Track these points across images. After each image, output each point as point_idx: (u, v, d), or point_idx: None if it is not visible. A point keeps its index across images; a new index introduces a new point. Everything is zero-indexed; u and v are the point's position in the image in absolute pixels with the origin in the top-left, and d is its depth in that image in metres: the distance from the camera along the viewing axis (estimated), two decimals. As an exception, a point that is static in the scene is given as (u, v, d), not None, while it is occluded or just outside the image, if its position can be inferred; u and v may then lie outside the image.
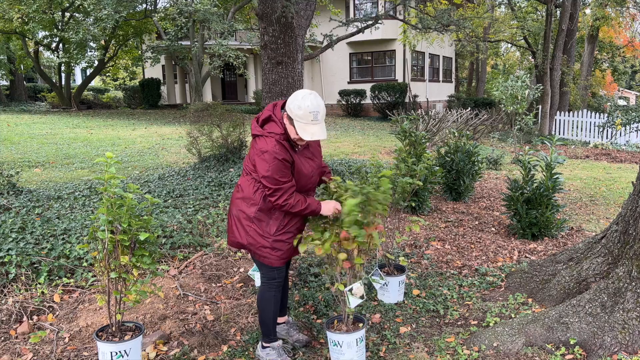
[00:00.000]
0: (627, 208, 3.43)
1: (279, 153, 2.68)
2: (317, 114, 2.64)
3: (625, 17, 23.72)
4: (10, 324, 3.39)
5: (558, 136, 16.26)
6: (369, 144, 12.68)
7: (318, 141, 2.98)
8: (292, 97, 2.68)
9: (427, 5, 12.64)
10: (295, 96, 2.67)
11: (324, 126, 2.72)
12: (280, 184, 2.71)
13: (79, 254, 4.21)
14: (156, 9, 18.94)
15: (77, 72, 34.29)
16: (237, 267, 4.48)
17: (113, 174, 2.69)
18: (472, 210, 6.48)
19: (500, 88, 10.59)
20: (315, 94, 2.70)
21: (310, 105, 2.63)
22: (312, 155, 2.91)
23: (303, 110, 2.62)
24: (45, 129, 14.01)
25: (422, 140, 5.75)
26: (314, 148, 2.95)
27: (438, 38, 14.71)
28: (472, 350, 3.09)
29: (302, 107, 2.63)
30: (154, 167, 8.77)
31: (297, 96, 2.67)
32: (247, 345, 3.22)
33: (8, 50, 23.53)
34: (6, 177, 6.31)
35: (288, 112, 2.68)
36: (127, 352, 2.75)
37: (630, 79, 43.28)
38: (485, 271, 4.40)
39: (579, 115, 16.66)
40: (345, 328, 2.97)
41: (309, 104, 2.63)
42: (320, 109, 2.67)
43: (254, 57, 22.83)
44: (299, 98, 2.65)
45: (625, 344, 2.84)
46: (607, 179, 9.06)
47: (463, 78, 33.62)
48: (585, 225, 5.82)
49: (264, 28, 6.48)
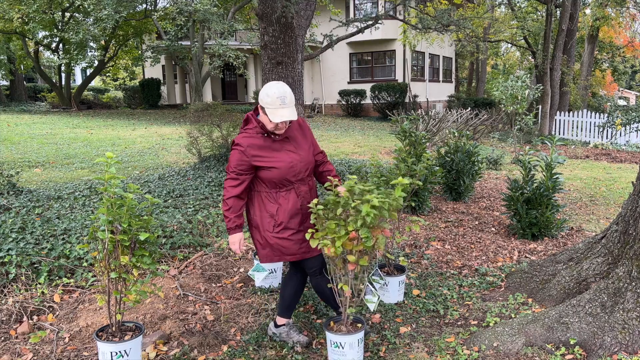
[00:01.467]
0: (627, 208, 3.43)
1: (243, 142, 2.91)
2: (284, 98, 2.84)
3: (625, 17, 23.71)
4: (10, 324, 3.39)
5: (558, 136, 16.27)
6: (369, 144, 12.68)
7: (305, 134, 3.12)
8: (261, 90, 2.91)
9: (427, 5, 12.64)
10: (264, 87, 2.90)
11: (294, 110, 2.89)
12: (229, 170, 2.93)
13: (79, 254, 4.21)
14: (156, 8, 18.94)
15: (77, 72, 34.30)
16: (237, 267, 4.48)
17: (113, 174, 2.69)
18: (472, 210, 6.48)
19: (500, 88, 10.59)
20: (282, 83, 2.91)
21: (277, 92, 2.85)
22: (296, 148, 3.02)
23: (270, 97, 2.84)
24: (45, 129, 14.01)
25: (422, 140, 5.75)
26: (297, 141, 3.05)
27: (438, 38, 14.71)
28: (472, 350, 3.09)
29: (269, 94, 2.85)
30: (154, 167, 8.77)
31: (265, 87, 2.89)
32: (247, 345, 3.22)
33: (8, 50, 23.53)
34: (6, 177, 6.31)
35: (260, 102, 2.90)
36: (127, 352, 2.75)
37: (630, 79, 43.27)
38: (485, 271, 4.40)
39: (579, 115, 16.66)
40: (345, 329, 2.97)
41: (274, 90, 2.85)
42: (287, 94, 2.86)
43: (254, 57, 22.83)
44: (266, 87, 2.88)
45: (625, 344, 2.84)
46: (607, 179, 9.06)
47: (463, 78, 33.62)
48: (585, 225, 5.82)
49: (264, 28, 6.49)
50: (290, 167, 2.95)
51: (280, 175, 2.93)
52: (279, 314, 3.27)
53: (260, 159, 2.91)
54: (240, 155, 2.89)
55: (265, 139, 2.95)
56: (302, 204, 3.02)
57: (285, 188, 2.98)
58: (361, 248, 2.82)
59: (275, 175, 2.92)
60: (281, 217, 2.97)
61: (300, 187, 3.02)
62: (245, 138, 2.93)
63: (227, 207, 2.92)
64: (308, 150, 3.08)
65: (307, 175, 3.07)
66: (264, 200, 2.98)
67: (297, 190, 3.00)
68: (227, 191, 2.92)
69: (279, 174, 2.93)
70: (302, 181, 3.02)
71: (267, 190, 2.98)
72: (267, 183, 2.96)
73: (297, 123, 3.11)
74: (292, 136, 3.04)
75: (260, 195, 3.00)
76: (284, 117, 2.83)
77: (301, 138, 3.09)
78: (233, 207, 2.92)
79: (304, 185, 3.04)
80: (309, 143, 3.12)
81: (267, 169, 2.91)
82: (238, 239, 2.98)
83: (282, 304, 3.24)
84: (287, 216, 2.97)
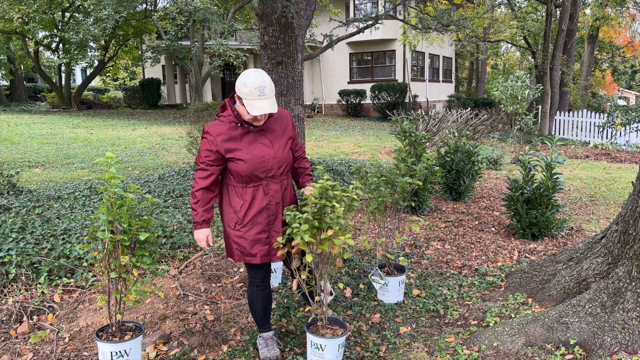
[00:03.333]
0: (627, 208, 3.43)
1: (212, 130, 2.72)
2: (263, 89, 2.61)
3: (625, 17, 23.71)
4: (10, 324, 3.39)
5: (558, 136, 16.27)
6: (369, 144, 12.68)
7: (285, 128, 2.90)
8: (239, 78, 2.68)
9: (427, 5, 12.64)
10: (241, 76, 2.67)
11: (274, 101, 2.68)
12: (199, 160, 2.76)
13: (79, 254, 4.21)
14: (156, 8, 18.95)
15: (77, 72, 34.31)
16: (237, 267, 4.48)
17: (113, 174, 2.69)
18: (472, 210, 6.48)
19: (500, 88, 10.59)
20: (261, 71, 2.67)
21: (255, 81, 2.62)
22: (271, 142, 2.80)
23: (248, 87, 2.61)
24: (45, 129, 14.02)
25: (422, 140, 5.75)
26: (274, 135, 2.83)
27: (438, 38, 14.72)
28: (472, 350, 3.09)
29: (247, 84, 2.62)
30: (154, 167, 8.77)
31: (243, 75, 2.66)
32: (247, 345, 3.22)
33: (8, 50, 23.54)
34: (6, 177, 6.31)
35: (237, 92, 2.68)
36: (127, 352, 2.75)
37: (630, 79, 43.27)
38: (485, 271, 4.40)
39: (579, 115, 16.66)
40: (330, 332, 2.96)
41: (253, 80, 2.62)
42: (267, 84, 2.63)
43: (254, 57, 22.83)
44: (244, 76, 2.65)
45: (625, 344, 2.84)
46: (607, 179, 9.06)
47: (463, 78, 33.62)
48: (585, 225, 5.82)
49: (264, 28, 6.49)
50: (261, 162, 2.74)
51: (248, 169, 2.72)
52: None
53: (228, 150, 2.72)
54: (209, 145, 2.71)
55: (238, 129, 2.75)
56: (268, 203, 2.81)
57: (253, 184, 2.78)
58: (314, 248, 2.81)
59: (243, 168, 2.72)
60: (243, 215, 2.79)
61: (270, 184, 2.80)
62: (215, 126, 2.73)
63: (195, 199, 2.75)
64: (285, 146, 2.86)
65: (281, 174, 2.84)
66: (230, 194, 2.82)
67: (265, 187, 2.79)
68: (196, 182, 2.74)
69: (247, 168, 2.72)
70: (272, 178, 2.81)
71: (234, 184, 2.80)
72: (235, 176, 2.77)
73: (278, 114, 2.87)
74: (269, 128, 2.82)
75: (228, 188, 2.83)
76: (263, 109, 2.62)
77: (280, 131, 2.86)
78: (201, 199, 2.75)
79: (274, 184, 2.82)
80: (287, 138, 2.88)
81: (235, 160, 2.72)
82: (205, 235, 2.81)
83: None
84: (250, 214, 2.79)
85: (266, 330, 3.11)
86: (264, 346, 3.07)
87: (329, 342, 2.86)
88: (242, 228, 2.82)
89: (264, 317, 3.08)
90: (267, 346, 3.06)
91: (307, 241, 2.72)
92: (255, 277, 2.98)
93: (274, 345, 3.08)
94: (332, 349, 2.87)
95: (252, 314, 3.09)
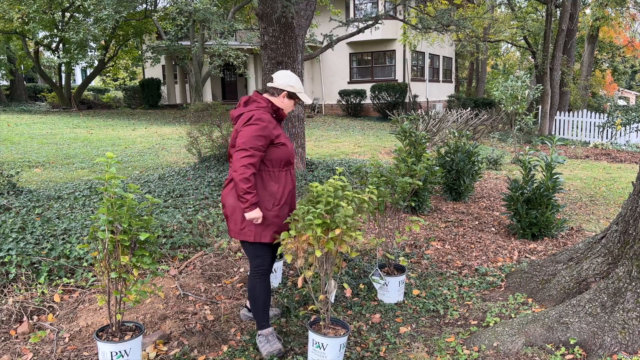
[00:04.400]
0: (627, 208, 3.43)
1: (264, 117, 3.00)
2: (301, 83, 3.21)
3: (625, 17, 23.71)
4: (11, 324, 3.39)
5: (558, 136, 16.27)
6: (369, 144, 12.68)
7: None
8: (281, 79, 3.11)
9: (427, 5, 12.64)
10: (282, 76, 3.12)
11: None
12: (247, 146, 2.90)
13: (79, 254, 4.21)
14: (156, 9, 18.95)
15: (77, 72, 34.31)
16: (237, 267, 4.48)
17: (113, 174, 2.69)
18: (472, 210, 6.48)
19: (500, 88, 10.59)
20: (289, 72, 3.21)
21: (297, 79, 3.18)
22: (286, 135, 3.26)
23: (298, 83, 3.14)
24: (45, 129, 14.02)
25: (422, 140, 5.75)
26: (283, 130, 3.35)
27: (438, 38, 14.71)
28: (472, 350, 3.09)
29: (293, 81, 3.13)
30: (154, 167, 8.77)
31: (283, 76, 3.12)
32: (247, 345, 3.22)
33: (8, 50, 23.53)
34: (6, 177, 6.31)
35: (289, 89, 3.10)
36: (127, 352, 2.75)
37: (630, 79, 43.26)
38: (485, 271, 4.40)
39: (579, 115, 16.66)
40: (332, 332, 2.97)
41: (296, 78, 3.16)
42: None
43: (254, 57, 22.83)
44: (287, 76, 3.13)
45: (625, 344, 2.84)
46: (607, 179, 9.06)
47: (463, 78, 33.62)
48: (585, 225, 5.82)
49: (264, 28, 6.49)
50: (292, 148, 3.16)
51: (287, 153, 3.08)
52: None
53: (276, 136, 3.03)
54: (262, 131, 2.94)
55: (273, 119, 3.10)
56: (293, 184, 3.17)
57: (286, 168, 3.11)
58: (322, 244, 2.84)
59: (284, 152, 3.05)
60: (280, 195, 3.05)
61: (292, 169, 3.19)
62: (265, 114, 3.01)
63: (249, 183, 2.90)
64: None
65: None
66: (265, 179, 3.04)
67: (291, 171, 3.17)
68: (247, 168, 2.90)
69: (287, 152, 3.07)
70: (294, 166, 3.22)
71: (270, 169, 3.04)
72: (274, 161, 3.03)
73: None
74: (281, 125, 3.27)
75: (262, 174, 3.04)
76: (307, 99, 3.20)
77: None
78: (253, 183, 2.95)
79: (293, 169, 3.22)
80: None
81: (279, 145, 3.03)
82: (260, 213, 3.00)
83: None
84: (285, 195, 3.08)
85: (265, 327, 3.13)
86: (265, 342, 3.08)
87: (331, 341, 2.86)
88: (278, 208, 3.05)
89: (264, 311, 3.11)
90: (268, 342, 3.08)
91: (318, 236, 2.73)
92: (262, 265, 3.09)
93: (275, 340, 3.10)
94: (334, 348, 2.87)
95: (253, 310, 3.13)
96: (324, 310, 2.99)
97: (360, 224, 2.96)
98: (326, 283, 2.96)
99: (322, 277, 2.94)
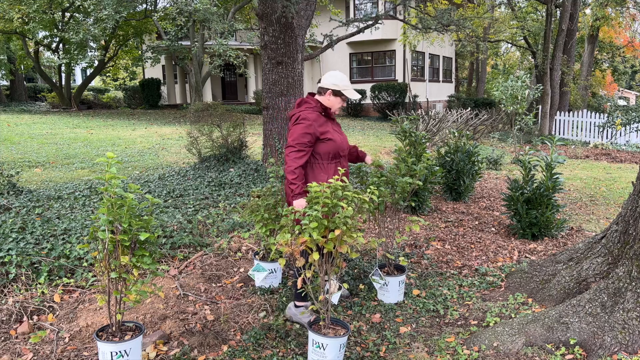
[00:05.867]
0: (627, 208, 3.43)
1: (310, 116, 3.30)
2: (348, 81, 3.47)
3: (625, 17, 23.72)
4: (11, 324, 3.39)
5: (558, 136, 16.27)
6: (369, 144, 12.68)
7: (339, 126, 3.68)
8: (326, 79, 3.39)
9: (427, 5, 12.64)
10: (329, 77, 3.39)
11: None
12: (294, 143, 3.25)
13: (79, 254, 4.21)
14: (156, 9, 18.94)
15: (77, 72, 34.30)
16: (237, 267, 4.48)
17: (114, 174, 2.69)
18: (472, 210, 6.48)
19: (500, 88, 10.59)
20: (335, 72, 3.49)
21: (343, 77, 3.43)
22: (339, 129, 3.54)
23: (343, 81, 3.38)
24: (45, 129, 14.02)
25: (422, 140, 5.75)
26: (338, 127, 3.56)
27: (438, 38, 14.72)
28: (472, 350, 3.09)
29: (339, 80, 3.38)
30: (154, 167, 8.77)
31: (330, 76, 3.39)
32: (247, 345, 3.22)
33: (8, 50, 23.52)
34: (6, 177, 6.31)
35: (333, 87, 3.36)
36: (127, 352, 2.75)
37: (630, 79, 43.26)
38: (485, 271, 4.40)
39: (579, 115, 16.66)
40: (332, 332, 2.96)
41: (341, 76, 3.41)
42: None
43: (254, 57, 22.82)
44: (333, 76, 3.40)
45: (625, 344, 2.84)
46: (607, 179, 9.06)
47: (463, 78, 33.63)
48: (585, 225, 5.82)
49: (264, 28, 6.49)
50: (341, 143, 3.44)
51: (335, 147, 3.37)
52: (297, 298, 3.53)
53: (322, 133, 3.32)
54: (307, 129, 3.26)
55: (322, 117, 3.39)
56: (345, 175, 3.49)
57: (335, 160, 3.41)
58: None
59: (332, 147, 3.35)
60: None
61: (343, 162, 3.49)
62: (311, 114, 3.32)
63: (295, 175, 3.24)
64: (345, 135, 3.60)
65: (347, 154, 3.57)
66: (315, 170, 3.37)
67: (341, 164, 3.46)
68: (294, 162, 3.25)
69: (334, 147, 3.37)
70: (344, 158, 3.52)
71: (320, 162, 3.37)
72: (323, 154, 3.35)
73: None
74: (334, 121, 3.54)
75: (313, 166, 3.37)
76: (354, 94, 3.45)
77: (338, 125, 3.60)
78: (299, 175, 3.25)
79: (345, 162, 3.53)
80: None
81: (326, 140, 3.33)
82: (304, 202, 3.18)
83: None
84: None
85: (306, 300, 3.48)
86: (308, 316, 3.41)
87: (330, 342, 2.86)
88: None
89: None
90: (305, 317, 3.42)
91: (315, 239, 2.74)
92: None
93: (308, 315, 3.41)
94: (334, 348, 2.87)
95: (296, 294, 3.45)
96: (323, 310, 2.99)
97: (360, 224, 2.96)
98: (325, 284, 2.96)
99: (322, 277, 2.94)
